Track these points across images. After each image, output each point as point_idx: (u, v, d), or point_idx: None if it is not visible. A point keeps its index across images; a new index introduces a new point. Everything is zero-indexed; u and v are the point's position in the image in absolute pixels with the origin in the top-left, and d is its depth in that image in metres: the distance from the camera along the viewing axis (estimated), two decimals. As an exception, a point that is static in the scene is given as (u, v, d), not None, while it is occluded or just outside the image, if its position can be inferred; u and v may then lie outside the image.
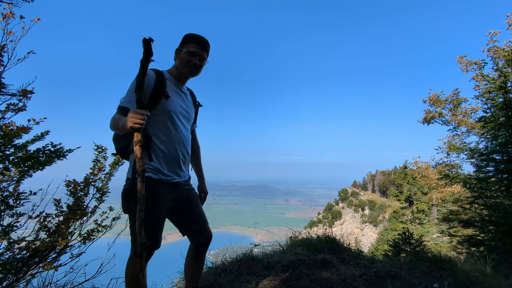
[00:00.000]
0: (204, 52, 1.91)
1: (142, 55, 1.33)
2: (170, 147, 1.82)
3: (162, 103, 1.78)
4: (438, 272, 2.90)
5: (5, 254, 2.38)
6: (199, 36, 1.89)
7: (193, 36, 1.88)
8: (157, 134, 1.79)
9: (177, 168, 1.87)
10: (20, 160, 2.33)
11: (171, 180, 1.83)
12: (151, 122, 1.77)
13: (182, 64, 1.88)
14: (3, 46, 2.31)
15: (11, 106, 2.42)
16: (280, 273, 2.65)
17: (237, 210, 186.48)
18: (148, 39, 1.27)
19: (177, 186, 1.88)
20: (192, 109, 2.04)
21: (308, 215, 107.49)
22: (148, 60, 1.33)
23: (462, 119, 12.97)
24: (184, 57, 1.86)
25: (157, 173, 1.76)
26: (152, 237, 1.74)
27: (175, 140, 1.84)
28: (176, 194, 1.87)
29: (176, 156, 1.85)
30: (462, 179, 7.95)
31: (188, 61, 1.87)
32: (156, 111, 1.77)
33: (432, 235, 18.05)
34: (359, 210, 67.99)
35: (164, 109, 1.79)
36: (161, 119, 1.79)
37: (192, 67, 1.89)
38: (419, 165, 15.74)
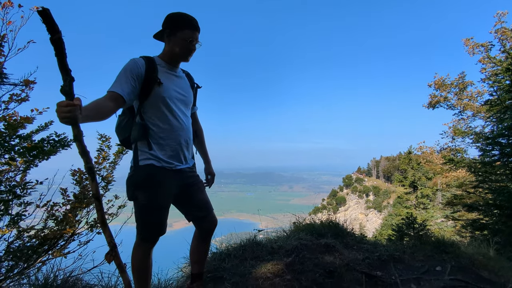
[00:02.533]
0: (198, 34, 1.85)
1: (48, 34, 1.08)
2: (170, 134, 1.80)
3: (155, 90, 1.74)
4: (441, 255, 2.93)
5: (16, 242, 2.44)
6: (191, 18, 1.81)
7: (186, 20, 1.79)
8: (155, 122, 1.77)
9: (180, 155, 1.86)
10: (25, 150, 2.36)
11: (173, 168, 1.82)
12: (147, 110, 1.76)
13: (179, 50, 1.82)
14: (3, 36, 2.31)
15: (14, 96, 2.43)
16: (283, 257, 2.69)
17: (242, 197, 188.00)
18: (43, 10, 1.04)
19: (181, 173, 1.87)
20: (190, 92, 1.98)
21: (313, 202, 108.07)
22: (57, 36, 1.09)
23: (467, 103, 12.81)
24: (181, 44, 1.80)
25: (160, 160, 1.76)
26: (156, 224, 1.77)
27: (174, 127, 1.82)
28: (180, 181, 1.87)
29: (177, 142, 1.83)
30: (467, 163, 7.92)
31: (187, 48, 1.82)
32: (151, 99, 1.74)
33: (436, 220, 18.13)
34: (363, 196, 68.23)
35: (159, 96, 1.75)
36: (156, 107, 1.76)
37: (189, 54, 1.85)
38: (424, 150, 15.67)
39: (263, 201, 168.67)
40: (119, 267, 1.40)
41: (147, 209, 1.74)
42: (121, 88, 1.60)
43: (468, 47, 12.05)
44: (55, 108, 1.19)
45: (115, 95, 1.57)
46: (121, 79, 1.63)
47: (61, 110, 1.19)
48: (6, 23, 2.32)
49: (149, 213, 1.75)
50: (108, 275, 2.32)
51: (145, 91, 1.72)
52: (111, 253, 1.35)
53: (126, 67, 1.67)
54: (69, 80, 1.18)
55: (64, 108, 1.18)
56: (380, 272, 2.54)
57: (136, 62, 1.70)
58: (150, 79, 1.72)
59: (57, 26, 1.08)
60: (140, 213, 1.76)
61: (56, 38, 1.09)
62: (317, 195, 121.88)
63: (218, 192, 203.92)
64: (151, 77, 1.72)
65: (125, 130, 1.83)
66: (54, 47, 1.11)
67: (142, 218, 1.76)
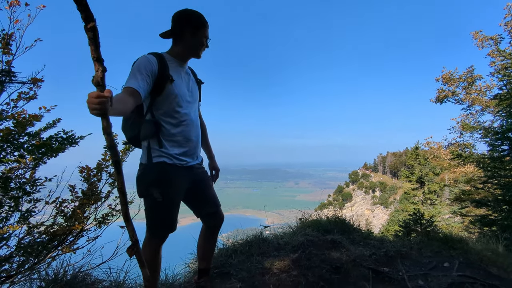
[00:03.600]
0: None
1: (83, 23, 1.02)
2: (181, 131, 1.81)
3: (167, 87, 1.74)
4: (449, 251, 2.91)
5: (26, 238, 2.48)
6: (202, 15, 1.82)
7: (200, 17, 1.81)
8: (167, 120, 1.77)
9: (191, 152, 1.88)
10: (34, 148, 2.39)
11: (185, 164, 1.84)
12: (159, 108, 1.76)
13: (195, 48, 1.84)
14: (11, 34, 2.33)
15: (22, 94, 2.46)
16: (290, 253, 2.70)
17: (248, 194, 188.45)
18: None
19: (191, 169, 1.89)
20: (196, 89, 2.00)
21: (319, 198, 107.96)
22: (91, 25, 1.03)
23: (476, 97, 12.61)
24: (198, 41, 1.82)
25: (171, 158, 1.77)
26: (167, 221, 1.79)
27: (185, 123, 1.83)
28: (190, 178, 1.89)
29: (188, 139, 1.84)
30: (475, 158, 7.81)
31: (202, 45, 1.85)
32: (163, 96, 1.74)
33: (444, 216, 17.99)
34: (369, 192, 67.92)
35: (171, 94, 1.75)
36: (168, 104, 1.77)
37: (202, 50, 1.89)
38: (431, 146, 15.50)
39: (269, 197, 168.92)
40: (140, 262, 1.42)
41: (158, 206, 1.75)
42: (137, 84, 1.57)
43: (477, 40, 11.84)
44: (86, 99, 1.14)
45: (133, 91, 1.54)
46: (136, 76, 1.61)
47: (92, 101, 1.14)
48: (13, 21, 2.34)
49: (161, 210, 1.77)
50: (116, 270, 2.36)
51: (157, 88, 1.72)
52: (133, 247, 1.36)
53: (140, 64, 1.65)
54: (101, 71, 1.13)
55: (95, 100, 1.13)
56: (387, 268, 2.54)
57: (149, 59, 1.68)
58: (163, 76, 1.72)
59: (92, 14, 1.03)
60: (151, 210, 1.78)
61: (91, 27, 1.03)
62: (323, 191, 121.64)
63: (224, 189, 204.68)
64: (163, 74, 1.72)
65: (133, 128, 1.83)
66: (88, 35, 1.05)
67: (153, 215, 1.78)
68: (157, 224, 1.80)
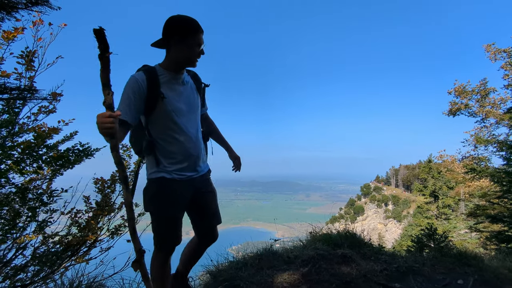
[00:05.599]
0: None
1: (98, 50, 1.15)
2: (179, 147, 1.77)
3: (159, 105, 1.68)
4: (463, 268, 2.84)
5: (41, 248, 2.55)
6: (196, 21, 1.70)
7: (194, 23, 1.68)
8: (162, 137, 1.75)
9: (191, 167, 1.85)
10: (52, 160, 2.48)
11: (185, 178, 1.82)
12: (153, 126, 1.74)
13: (189, 56, 1.72)
14: (34, 52, 2.45)
15: (42, 108, 2.57)
16: (300, 267, 2.68)
17: (258, 206, 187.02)
18: (99, 29, 1.11)
19: (192, 182, 1.86)
20: (195, 97, 1.90)
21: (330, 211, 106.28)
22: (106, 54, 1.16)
23: (490, 110, 12.39)
24: (192, 49, 1.71)
25: (170, 172, 1.76)
26: (170, 235, 1.80)
27: (182, 140, 1.77)
28: (192, 190, 1.86)
29: (186, 155, 1.80)
30: (490, 172, 7.64)
31: (198, 53, 1.74)
32: (156, 114, 1.70)
33: (459, 231, 17.48)
34: (382, 206, 66.60)
35: (163, 111, 1.70)
36: (163, 122, 1.73)
37: (198, 58, 1.78)
38: (445, 159, 15.21)
39: (279, 209, 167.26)
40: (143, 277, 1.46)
41: (161, 220, 1.78)
42: (125, 113, 1.58)
43: (489, 53, 11.73)
44: (96, 120, 1.24)
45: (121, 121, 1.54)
46: (125, 102, 1.60)
47: (104, 121, 1.22)
48: (36, 39, 2.47)
49: (163, 224, 1.78)
50: (129, 281, 2.39)
51: (149, 107, 1.68)
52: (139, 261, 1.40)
53: (127, 88, 1.62)
54: (111, 94, 1.24)
55: (106, 119, 1.22)
56: (398, 284, 2.49)
57: (137, 80, 1.63)
58: (153, 95, 1.66)
59: (108, 45, 1.15)
60: (155, 225, 1.79)
61: (105, 56, 1.16)
62: (334, 204, 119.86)
63: (234, 201, 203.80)
64: (153, 93, 1.66)
65: (137, 143, 1.85)
66: (101, 63, 1.17)
67: (157, 229, 1.79)
68: (162, 237, 1.81)
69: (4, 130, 2.33)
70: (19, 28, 2.30)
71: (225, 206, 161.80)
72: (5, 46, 2.25)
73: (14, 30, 2.26)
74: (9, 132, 2.35)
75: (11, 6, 1.86)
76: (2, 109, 2.33)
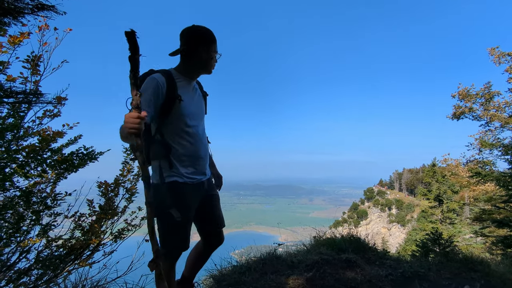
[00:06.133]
0: None
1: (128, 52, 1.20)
2: (191, 150, 1.81)
3: (175, 108, 1.73)
4: (469, 273, 2.81)
5: (44, 251, 2.55)
6: (211, 31, 1.80)
7: (211, 34, 1.78)
8: (176, 140, 1.78)
9: (200, 169, 1.89)
10: (56, 163, 2.48)
11: (195, 182, 1.85)
12: (167, 128, 1.76)
13: (204, 64, 1.81)
14: (39, 56, 2.47)
15: (47, 112, 2.58)
16: (304, 272, 2.66)
17: (261, 210, 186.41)
18: (130, 31, 1.15)
19: (202, 186, 1.90)
20: (203, 104, 1.99)
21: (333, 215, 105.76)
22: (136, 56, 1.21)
23: (495, 113, 12.30)
24: (207, 59, 1.80)
25: (182, 176, 1.78)
26: (181, 240, 1.80)
27: (194, 142, 1.83)
28: (201, 194, 1.90)
29: (198, 157, 1.85)
30: (495, 176, 7.57)
31: (212, 61, 1.82)
32: (171, 116, 1.74)
33: (464, 236, 17.31)
34: (385, 210, 66.15)
35: (179, 114, 1.75)
36: (177, 124, 1.77)
37: (212, 67, 1.86)
38: (449, 163, 15.10)
39: (282, 213, 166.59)
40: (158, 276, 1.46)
41: (171, 225, 1.76)
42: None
43: (493, 56, 11.68)
44: (124, 120, 1.30)
45: None
46: (145, 103, 1.62)
47: (131, 121, 1.27)
48: (42, 44, 2.49)
49: (174, 229, 1.77)
50: (132, 285, 2.38)
51: (165, 109, 1.71)
52: (156, 261, 1.40)
53: (148, 87, 1.65)
54: (139, 95, 1.29)
55: (134, 120, 1.27)
56: (404, 290, 2.47)
57: (158, 81, 1.67)
58: (172, 97, 1.71)
59: (138, 47, 1.20)
60: (164, 229, 1.78)
61: (135, 58, 1.21)
62: (337, 208, 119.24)
63: (237, 205, 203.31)
64: (171, 95, 1.71)
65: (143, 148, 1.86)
66: (131, 64, 1.22)
67: (166, 234, 1.78)
68: (171, 243, 1.80)
69: (9, 134, 2.34)
70: (25, 33, 2.31)
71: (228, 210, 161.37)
72: (11, 51, 2.27)
73: (20, 35, 2.28)
74: (14, 136, 2.36)
75: (17, 11, 1.87)
76: (7, 113, 2.34)
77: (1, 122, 2.28)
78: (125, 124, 1.29)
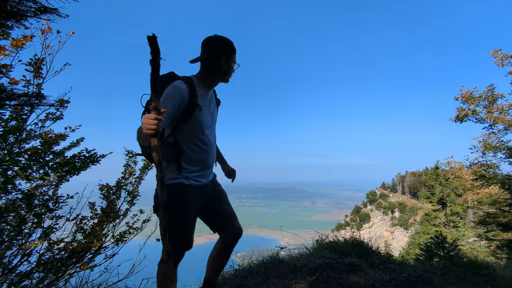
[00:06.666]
0: None
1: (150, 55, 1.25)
2: (202, 156, 1.88)
3: (194, 116, 1.79)
4: (475, 278, 2.77)
5: (46, 254, 2.54)
6: (232, 42, 1.88)
7: (231, 44, 1.87)
8: (189, 145, 1.84)
9: (206, 174, 1.96)
10: (58, 166, 2.48)
11: (200, 184, 1.91)
12: (182, 133, 1.82)
13: (224, 73, 1.88)
14: (42, 59, 2.48)
15: (50, 115, 2.58)
16: (307, 276, 2.64)
17: (263, 213, 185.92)
18: (152, 36, 1.21)
19: (206, 188, 1.96)
20: (216, 111, 2.07)
21: (336, 218, 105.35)
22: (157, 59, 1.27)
23: (498, 116, 12.22)
24: (226, 68, 1.86)
25: (188, 179, 1.84)
26: (184, 239, 1.83)
27: (206, 149, 1.90)
28: (205, 195, 1.96)
29: (207, 163, 1.93)
30: (500, 179, 7.50)
31: (231, 70, 1.90)
32: (188, 123, 1.80)
33: (468, 239, 17.18)
34: (388, 213, 65.81)
35: (196, 122, 1.81)
36: (193, 131, 1.83)
37: (230, 76, 1.93)
38: (452, 166, 14.99)
39: (284, 217, 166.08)
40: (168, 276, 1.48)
41: (176, 225, 1.79)
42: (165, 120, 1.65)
43: (496, 58, 11.63)
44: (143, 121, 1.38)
45: None
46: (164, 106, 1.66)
47: (149, 122, 1.35)
48: (45, 47, 2.49)
49: (178, 229, 1.80)
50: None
51: (184, 117, 1.78)
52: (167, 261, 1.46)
53: (171, 95, 1.71)
54: (158, 97, 1.36)
55: (152, 121, 1.35)
56: (408, 294, 2.43)
57: (181, 90, 1.73)
58: (191, 106, 1.77)
59: (159, 51, 1.25)
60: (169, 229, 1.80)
61: (156, 61, 1.26)
62: (340, 211, 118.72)
63: (239, 207, 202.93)
64: (192, 104, 1.77)
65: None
66: (152, 68, 1.27)
67: (170, 233, 1.79)
68: (174, 242, 1.80)
69: (12, 137, 2.34)
70: (28, 36, 2.32)
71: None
72: (14, 54, 2.27)
73: (23, 38, 2.29)
74: (17, 139, 2.36)
75: (20, 14, 1.88)
76: (10, 115, 2.35)
77: (4, 124, 2.28)
78: (143, 125, 1.37)
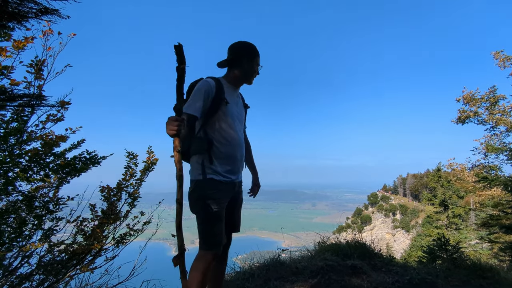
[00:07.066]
0: None
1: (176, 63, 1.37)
2: (230, 149, 1.94)
3: (222, 109, 1.92)
4: (478, 280, 2.74)
5: (46, 256, 2.52)
6: (256, 47, 2.05)
7: (255, 48, 2.04)
8: (218, 139, 1.92)
9: (235, 169, 2.00)
10: (59, 167, 2.47)
11: (229, 181, 1.95)
12: (212, 126, 1.92)
13: (248, 75, 2.05)
14: (43, 61, 2.47)
15: (50, 116, 2.58)
16: (308, 278, 2.62)
17: (264, 215, 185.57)
18: (178, 45, 1.32)
19: (233, 186, 2.01)
20: (243, 112, 2.18)
21: (337, 220, 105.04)
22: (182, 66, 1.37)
23: (500, 117, 12.19)
24: (250, 70, 2.03)
25: (218, 174, 1.89)
26: (219, 234, 1.85)
27: (234, 143, 1.96)
28: (232, 194, 2.01)
29: (235, 157, 1.98)
30: (502, 181, 7.47)
31: (255, 73, 2.06)
32: (217, 116, 1.91)
33: (470, 241, 17.09)
34: (390, 215, 65.57)
35: (224, 115, 1.93)
36: (221, 124, 1.93)
37: (254, 78, 2.10)
38: (454, 167, 14.95)
39: (285, 218, 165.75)
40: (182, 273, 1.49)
41: (210, 220, 1.84)
42: (194, 108, 1.81)
43: (498, 60, 11.61)
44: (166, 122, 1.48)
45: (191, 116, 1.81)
46: (195, 98, 1.84)
47: (172, 123, 1.47)
48: (46, 49, 2.49)
49: (215, 224, 1.84)
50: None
51: (212, 109, 1.90)
52: (180, 257, 1.45)
53: (201, 87, 1.87)
54: (182, 101, 1.47)
55: (174, 122, 1.47)
56: (411, 297, 2.41)
57: (209, 83, 1.89)
58: (218, 99, 1.91)
59: (184, 58, 1.37)
60: (204, 224, 1.85)
61: (182, 68, 1.37)
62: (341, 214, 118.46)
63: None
64: (220, 97, 1.91)
65: (184, 143, 1.88)
66: (178, 74, 1.38)
67: (206, 229, 1.85)
68: (212, 236, 1.84)
69: (13, 138, 2.33)
70: (29, 37, 2.31)
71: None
72: (15, 55, 2.27)
73: (24, 39, 2.28)
74: (17, 140, 2.35)
75: (21, 16, 1.87)
76: (11, 117, 2.34)
77: (5, 126, 2.28)
78: (166, 125, 1.47)
